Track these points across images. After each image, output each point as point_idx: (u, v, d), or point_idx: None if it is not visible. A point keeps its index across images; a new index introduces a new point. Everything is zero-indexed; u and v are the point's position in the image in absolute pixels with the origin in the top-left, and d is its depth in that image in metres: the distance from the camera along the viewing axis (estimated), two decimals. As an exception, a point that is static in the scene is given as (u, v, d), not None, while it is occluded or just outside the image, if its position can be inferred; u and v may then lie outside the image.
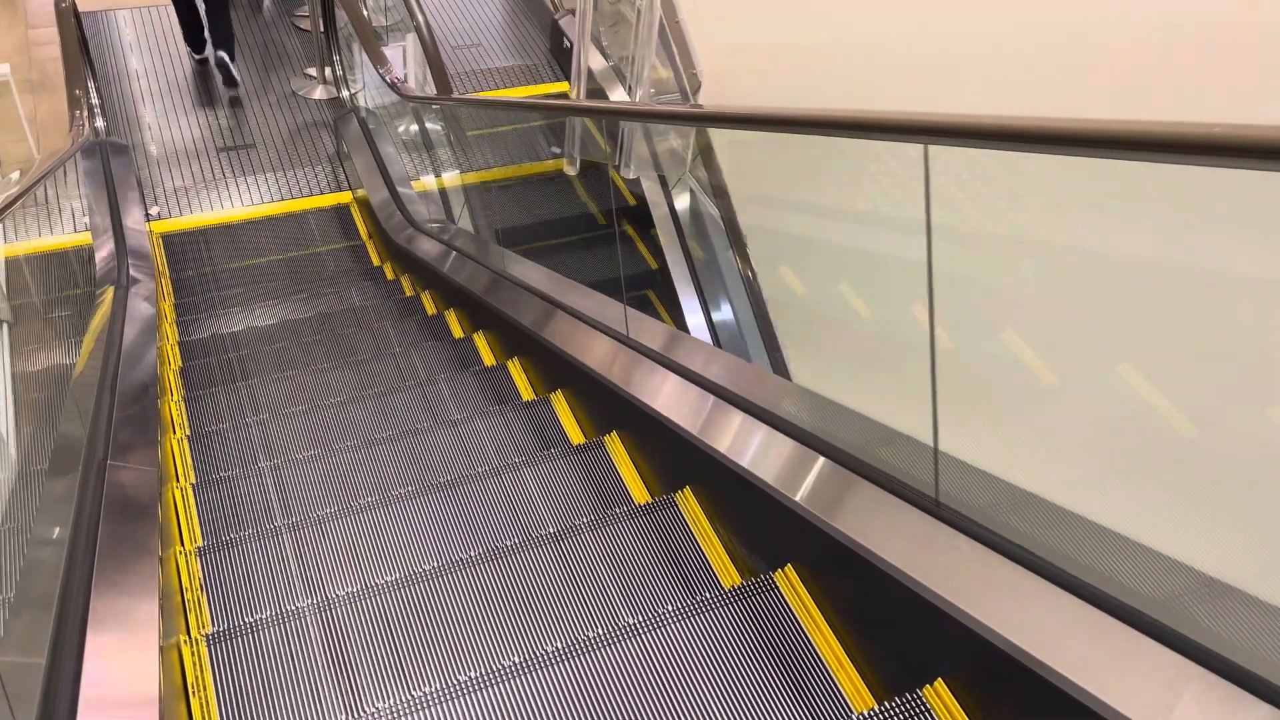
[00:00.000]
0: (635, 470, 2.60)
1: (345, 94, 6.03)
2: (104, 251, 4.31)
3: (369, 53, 4.77)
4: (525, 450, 2.88)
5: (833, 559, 1.80)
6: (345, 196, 5.76)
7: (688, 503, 2.31)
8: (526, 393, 3.28)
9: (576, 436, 2.92)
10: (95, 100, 5.57)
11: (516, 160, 5.33)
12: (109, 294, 4.04)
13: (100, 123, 5.52)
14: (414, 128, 5.34)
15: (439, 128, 4.92)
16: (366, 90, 5.51)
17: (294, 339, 4.17)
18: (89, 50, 5.49)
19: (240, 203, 5.64)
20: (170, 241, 5.35)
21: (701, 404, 2.26)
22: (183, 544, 2.39)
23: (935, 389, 1.56)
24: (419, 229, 4.87)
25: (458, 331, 4.02)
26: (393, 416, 3.17)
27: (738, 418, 2.13)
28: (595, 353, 2.83)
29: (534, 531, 2.33)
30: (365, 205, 5.46)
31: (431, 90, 4.92)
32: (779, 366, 4.89)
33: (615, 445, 2.67)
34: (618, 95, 4.75)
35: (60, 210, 4.62)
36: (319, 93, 6.53)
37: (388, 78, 4.51)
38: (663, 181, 4.62)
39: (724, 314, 4.94)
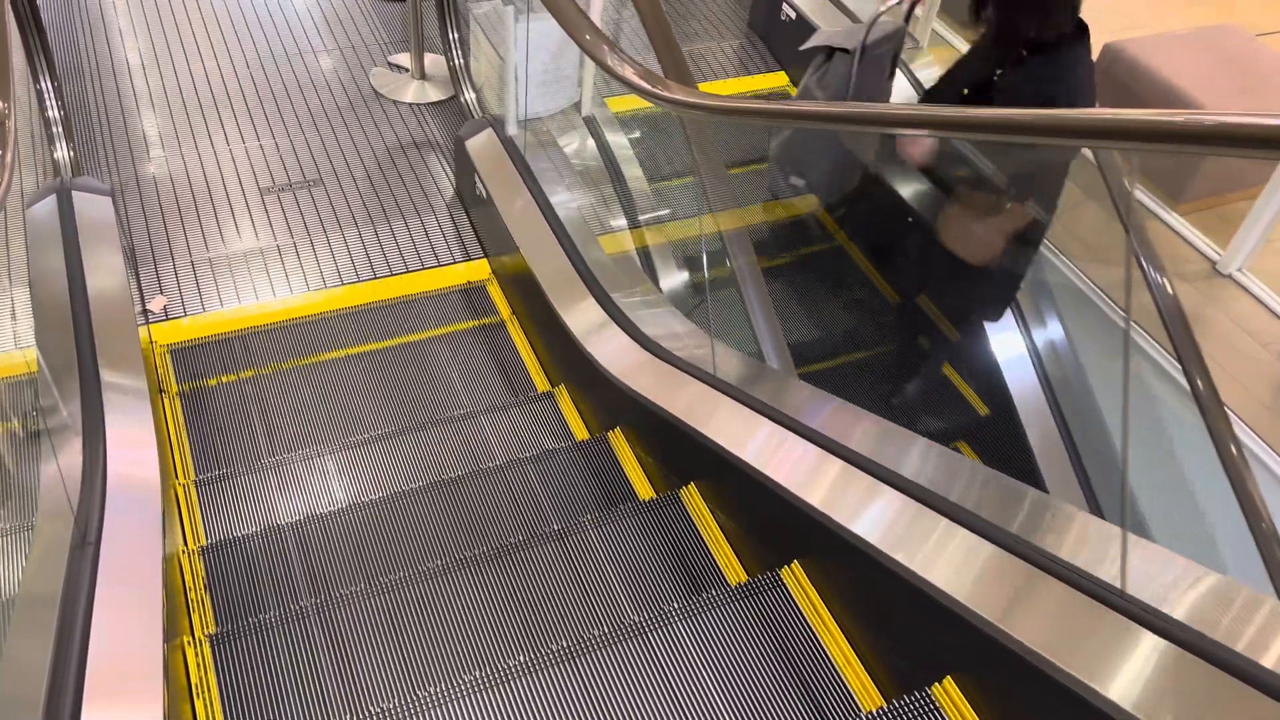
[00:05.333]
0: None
1: (467, 96, 3.70)
2: (56, 450, 2.00)
3: (563, 22, 2.44)
4: None
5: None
6: (479, 270, 3.43)
7: (693, 499, 2.19)
8: None
9: None
10: (54, 112, 3.27)
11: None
12: (56, 556, 1.74)
13: (62, 152, 3.23)
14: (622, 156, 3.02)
15: (686, 159, 2.60)
16: (517, 87, 3.18)
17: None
18: (41, 30, 3.20)
19: (300, 285, 3.33)
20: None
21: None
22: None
23: None
24: (658, 353, 2.56)
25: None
26: None
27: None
28: None
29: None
30: (521, 285, 3.16)
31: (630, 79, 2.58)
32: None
33: None
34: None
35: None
36: (410, 93, 4.21)
37: (622, 70, 2.18)
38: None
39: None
